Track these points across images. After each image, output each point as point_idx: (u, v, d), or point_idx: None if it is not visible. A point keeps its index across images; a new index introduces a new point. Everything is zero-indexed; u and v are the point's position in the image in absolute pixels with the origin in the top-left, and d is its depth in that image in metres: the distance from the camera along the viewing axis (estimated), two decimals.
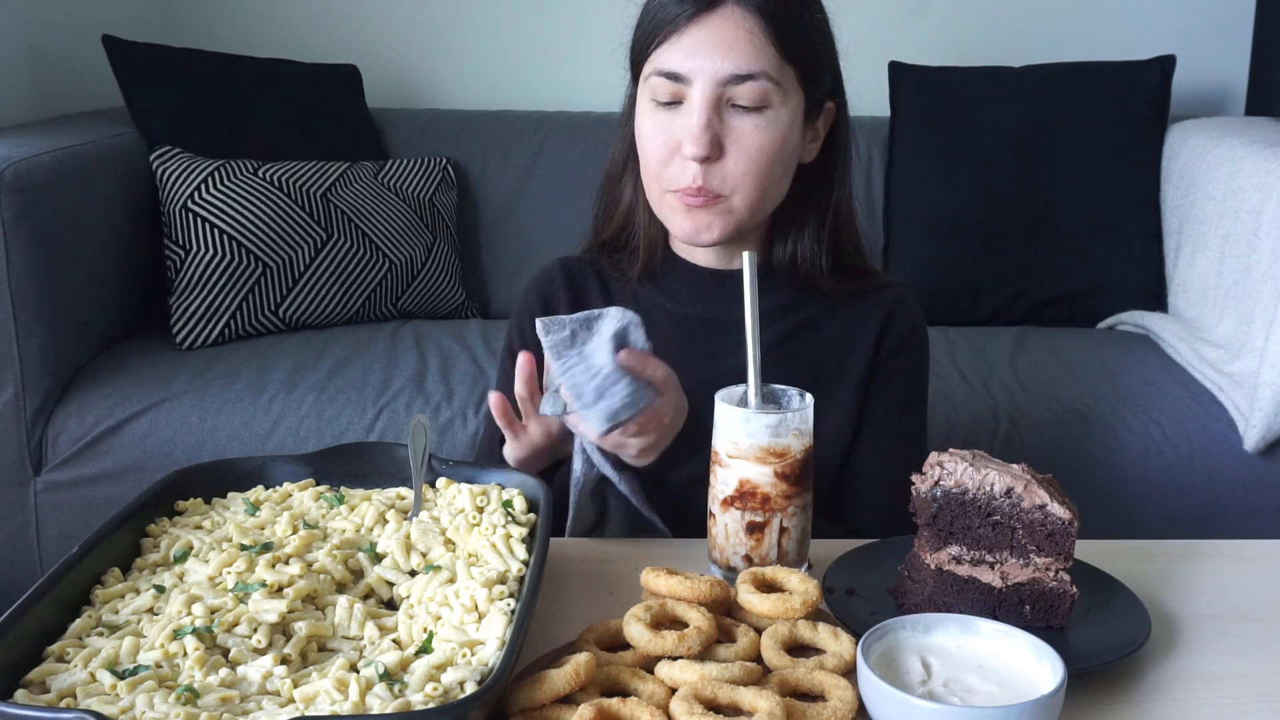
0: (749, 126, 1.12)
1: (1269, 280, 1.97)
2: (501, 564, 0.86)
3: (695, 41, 1.11)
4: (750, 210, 1.16)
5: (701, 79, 1.11)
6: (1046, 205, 2.45)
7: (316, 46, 2.70)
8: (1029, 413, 2.00)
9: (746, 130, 1.12)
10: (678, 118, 1.13)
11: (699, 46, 1.11)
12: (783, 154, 1.15)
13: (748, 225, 1.18)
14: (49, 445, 1.96)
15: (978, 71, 2.53)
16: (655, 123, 1.15)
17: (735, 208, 1.15)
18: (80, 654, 0.75)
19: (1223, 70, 2.79)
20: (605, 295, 1.27)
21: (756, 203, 1.15)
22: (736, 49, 1.10)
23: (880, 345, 1.23)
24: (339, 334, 2.27)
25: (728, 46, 1.10)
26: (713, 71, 1.11)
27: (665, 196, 1.17)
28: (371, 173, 2.45)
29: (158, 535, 0.91)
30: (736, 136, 1.12)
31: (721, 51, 1.10)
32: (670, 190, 1.15)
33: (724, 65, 1.10)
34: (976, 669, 0.77)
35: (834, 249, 1.24)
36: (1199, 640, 0.90)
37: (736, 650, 0.81)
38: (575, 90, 2.77)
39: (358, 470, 1.01)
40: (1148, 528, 1.94)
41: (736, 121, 1.12)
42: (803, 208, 1.22)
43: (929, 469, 0.90)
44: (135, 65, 2.32)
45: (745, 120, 1.12)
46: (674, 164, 1.14)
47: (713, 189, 1.13)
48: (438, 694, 0.71)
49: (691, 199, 1.14)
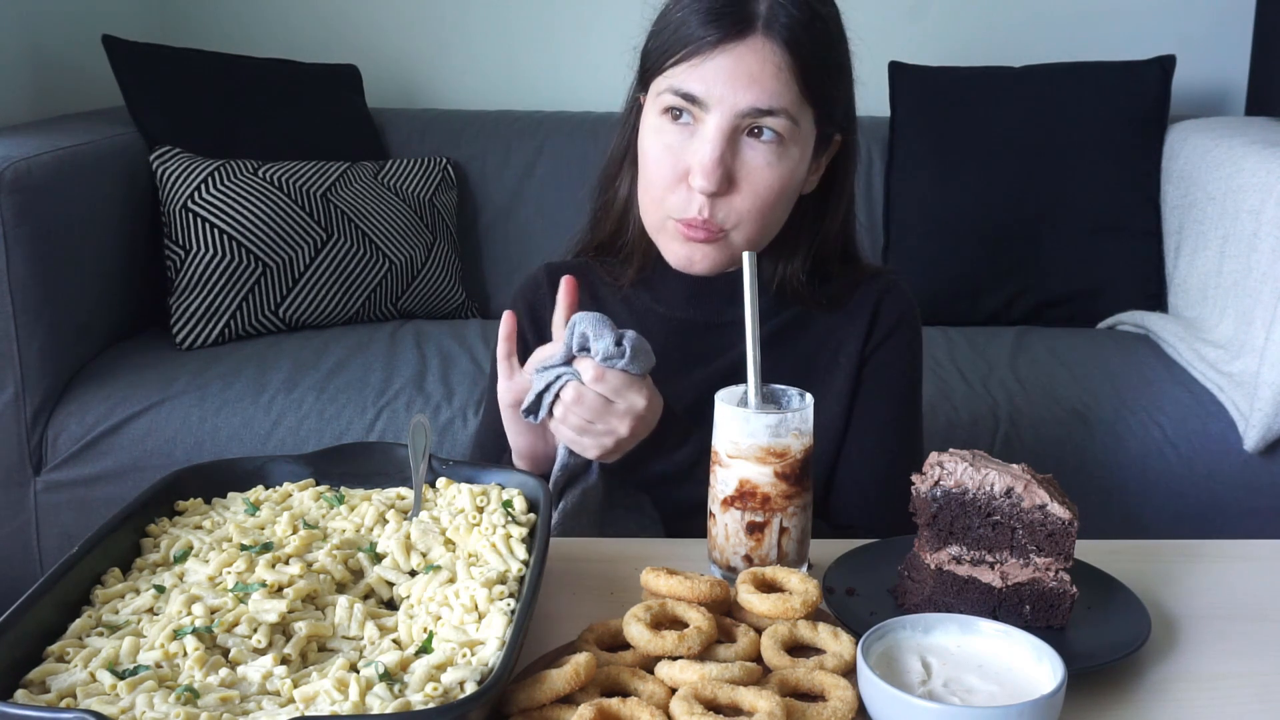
0: (761, 163, 1.09)
1: (1269, 280, 1.97)
2: (501, 564, 0.86)
3: (719, 68, 1.07)
4: (747, 244, 1.14)
5: (721, 108, 1.07)
6: (1046, 205, 2.45)
7: (316, 46, 2.70)
8: (1029, 413, 2.00)
9: (759, 166, 1.09)
10: (688, 143, 1.10)
11: (722, 74, 1.07)
12: (789, 190, 1.13)
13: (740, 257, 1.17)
14: (49, 445, 1.96)
15: (978, 71, 2.53)
16: (664, 144, 1.11)
17: (733, 243, 1.13)
18: (80, 654, 0.75)
19: (1223, 70, 2.79)
20: (594, 300, 1.25)
21: (755, 238, 1.14)
22: (760, 83, 1.07)
23: (870, 335, 1.21)
24: (339, 334, 2.27)
25: (751, 79, 1.07)
26: (733, 102, 1.07)
27: (666, 223, 1.14)
28: (371, 173, 2.45)
29: (158, 535, 0.91)
30: (748, 172, 1.09)
31: (745, 83, 1.07)
32: (672, 218, 1.13)
33: (745, 98, 1.07)
34: (976, 669, 0.77)
35: (823, 272, 1.22)
36: (1199, 640, 0.90)
37: (736, 650, 0.81)
38: (575, 90, 2.77)
39: (358, 470, 1.01)
40: (1148, 528, 1.94)
41: (749, 155, 1.09)
42: (795, 235, 1.20)
43: (929, 469, 0.90)
44: (135, 65, 2.32)
45: (758, 155, 1.09)
46: (679, 191, 1.11)
47: (717, 223, 1.11)
48: (438, 694, 0.71)
49: (690, 232, 1.12)
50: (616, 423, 1.03)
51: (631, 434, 1.04)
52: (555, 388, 1.04)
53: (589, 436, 1.05)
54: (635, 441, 1.06)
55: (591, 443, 1.05)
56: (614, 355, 1.02)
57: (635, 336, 1.03)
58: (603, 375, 1.02)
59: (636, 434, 1.05)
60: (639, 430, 1.05)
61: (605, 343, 1.01)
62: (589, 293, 1.26)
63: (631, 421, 1.04)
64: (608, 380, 1.02)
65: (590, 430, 1.04)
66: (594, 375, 1.02)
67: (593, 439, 1.05)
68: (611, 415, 1.03)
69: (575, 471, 1.11)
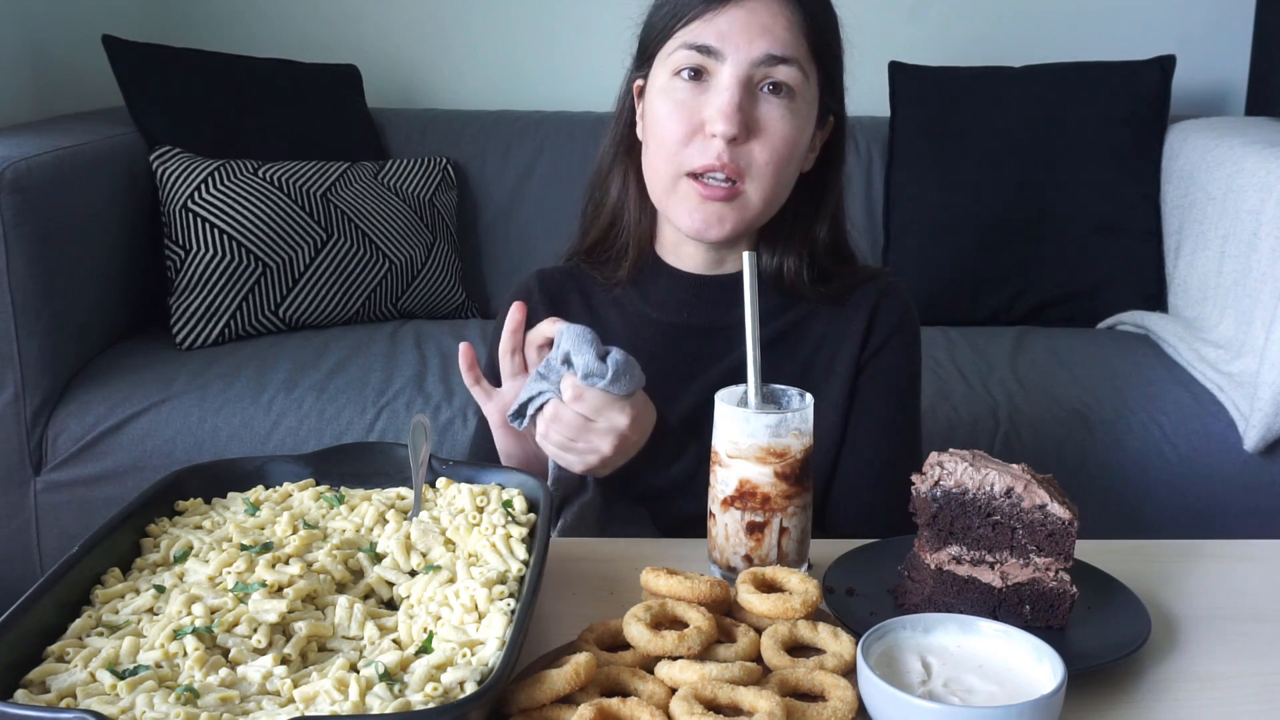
0: (777, 114, 1.10)
1: (1269, 280, 1.97)
2: (501, 564, 0.86)
3: (732, 19, 1.09)
4: (763, 204, 1.13)
5: (736, 56, 1.09)
6: (1046, 205, 2.45)
7: (316, 46, 2.70)
8: (1029, 413, 2.00)
9: (774, 117, 1.10)
10: (702, 97, 1.10)
11: (736, 24, 1.09)
12: (799, 149, 1.14)
13: (754, 224, 1.16)
14: (49, 445, 1.96)
15: (978, 71, 2.53)
16: (675, 101, 1.12)
17: (750, 200, 1.13)
18: (80, 654, 0.75)
19: (1223, 70, 2.79)
20: (586, 306, 1.25)
21: (770, 196, 1.13)
22: (773, 32, 1.09)
23: (867, 340, 1.20)
24: (339, 334, 2.27)
25: (764, 28, 1.09)
26: (748, 51, 1.08)
27: (680, 183, 1.13)
28: (371, 173, 2.45)
29: (158, 535, 0.91)
30: (765, 122, 1.10)
31: (758, 31, 1.09)
32: (687, 173, 1.12)
33: (760, 45, 1.08)
34: (976, 669, 0.77)
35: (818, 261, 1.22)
36: (1199, 640, 0.90)
37: (736, 650, 0.81)
38: (575, 90, 2.77)
39: (358, 470, 1.01)
40: (1148, 528, 1.94)
41: (764, 108, 1.10)
42: (790, 221, 1.20)
43: (929, 469, 0.90)
44: (135, 65, 2.32)
45: (773, 108, 1.10)
46: (695, 143, 1.11)
47: (737, 166, 1.10)
48: (438, 694, 0.71)
49: (707, 190, 1.11)
50: (598, 441, 1.03)
51: (616, 451, 1.04)
52: (538, 401, 1.03)
53: (571, 453, 1.04)
54: (624, 458, 1.05)
55: (575, 459, 1.05)
56: (594, 373, 1.00)
57: (622, 358, 1.01)
58: (581, 395, 1.01)
59: (623, 451, 1.04)
60: (624, 448, 1.04)
61: (586, 359, 1.00)
62: (581, 298, 1.25)
63: (614, 440, 1.03)
64: (586, 399, 1.01)
65: (572, 448, 1.04)
66: (572, 394, 1.01)
67: (576, 456, 1.04)
68: (591, 434, 1.03)
69: (569, 484, 1.10)
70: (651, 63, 1.16)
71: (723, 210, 1.13)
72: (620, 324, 1.23)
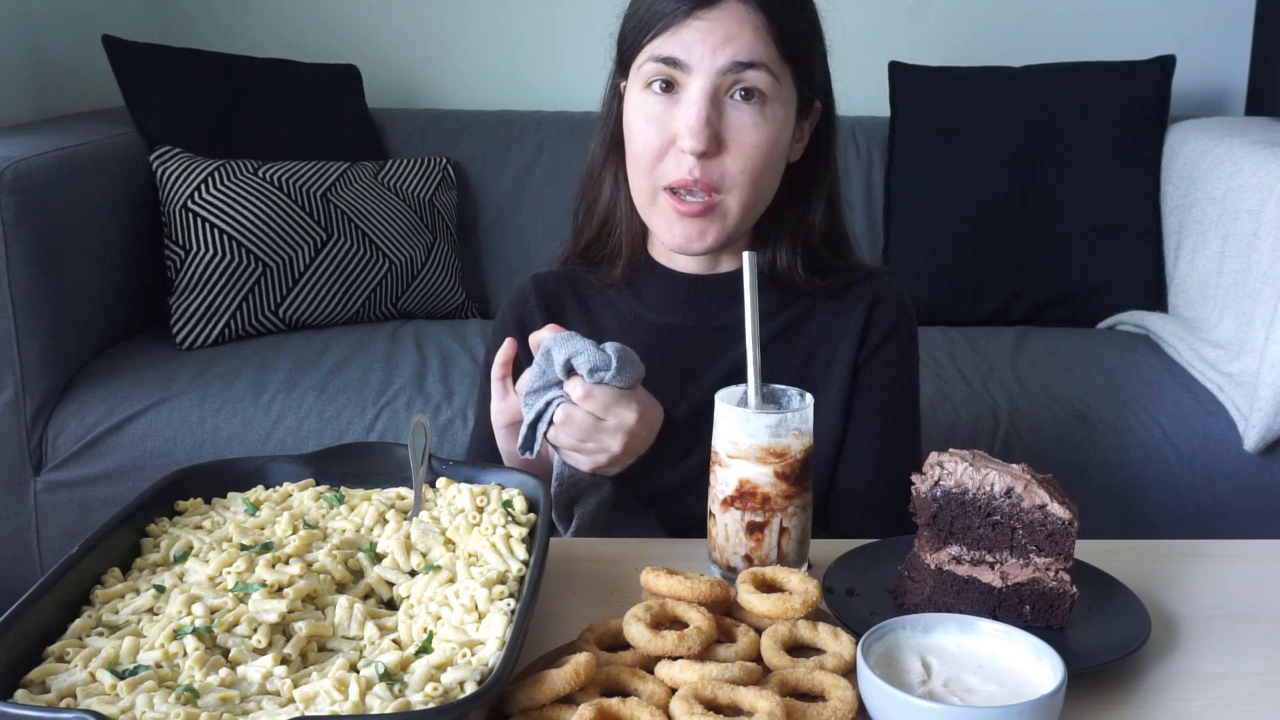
0: (747, 123, 1.10)
1: (1269, 280, 1.97)
2: (501, 564, 0.86)
3: (696, 30, 1.08)
4: (743, 212, 1.13)
5: (702, 68, 1.08)
6: (1046, 205, 2.45)
7: (316, 46, 2.70)
8: (1029, 413, 2.00)
9: (745, 126, 1.10)
10: (673, 110, 1.10)
11: (699, 34, 1.08)
12: (776, 152, 1.13)
13: (738, 231, 1.15)
14: (49, 445, 1.96)
15: (978, 71, 2.53)
16: (648, 116, 1.11)
17: (729, 210, 1.12)
18: (80, 654, 0.75)
19: (1223, 70, 2.79)
20: (582, 310, 1.24)
21: (750, 203, 1.13)
22: (739, 39, 1.08)
23: (864, 340, 1.20)
24: (339, 334, 2.27)
25: (729, 37, 1.08)
26: (713, 61, 1.08)
27: (657, 198, 1.13)
28: (371, 173, 2.45)
29: (158, 535, 0.91)
30: (735, 133, 1.10)
31: (722, 41, 1.08)
32: (663, 186, 1.12)
33: (725, 53, 1.08)
34: (976, 669, 0.77)
35: (813, 254, 1.21)
36: (1199, 640, 0.90)
37: (736, 650, 0.81)
38: (575, 90, 2.77)
39: (358, 470, 1.01)
40: (1148, 528, 1.94)
41: (735, 116, 1.10)
42: (783, 213, 1.20)
43: (929, 469, 0.90)
44: (135, 65, 2.32)
45: (744, 115, 1.10)
46: (670, 157, 1.11)
47: (710, 182, 1.10)
48: (438, 694, 0.71)
49: (684, 206, 1.11)
50: (608, 440, 1.03)
51: (625, 449, 1.04)
52: (547, 415, 1.03)
53: (582, 454, 1.05)
54: (633, 456, 1.06)
55: (585, 460, 1.06)
56: (600, 367, 1.00)
57: (620, 346, 1.02)
58: (590, 393, 1.01)
59: (631, 449, 1.05)
60: (633, 445, 1.05)
61: (589, 355, 1.00)
62: (577, 302, 1.25)
63: (623, 437, 1.03)
64: (596, 397, 1.02)
65: (582, 448, 1.04)
66: (582, 393, 1.01)
67: (586, 455, 1.05)
68: (602, 433, 1.03)
69: (581, 484, 1.10)
70: (627, 71, 1.16)
71: (703, 225, 1.13)
72: (616, 325, 1.23)
